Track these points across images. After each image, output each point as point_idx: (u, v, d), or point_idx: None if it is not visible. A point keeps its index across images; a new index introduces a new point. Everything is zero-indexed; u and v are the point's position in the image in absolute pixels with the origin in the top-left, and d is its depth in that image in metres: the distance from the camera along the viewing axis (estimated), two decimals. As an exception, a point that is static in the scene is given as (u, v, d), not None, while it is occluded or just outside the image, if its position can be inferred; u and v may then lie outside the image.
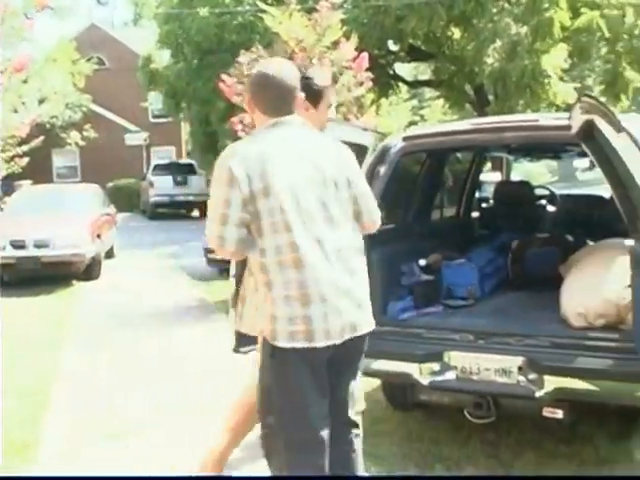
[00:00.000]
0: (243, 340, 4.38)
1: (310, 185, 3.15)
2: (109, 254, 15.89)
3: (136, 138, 36.27)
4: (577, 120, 3.78)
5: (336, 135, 4.75)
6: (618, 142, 3.54)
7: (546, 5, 16.07)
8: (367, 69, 10.40)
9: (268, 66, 3.37)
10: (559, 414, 4.26)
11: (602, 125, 3.57)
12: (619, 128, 3.46)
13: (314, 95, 3.86)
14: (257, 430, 3.80)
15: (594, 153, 3.91)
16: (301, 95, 3.34)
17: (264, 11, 11.10)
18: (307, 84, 3.65)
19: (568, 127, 3.93)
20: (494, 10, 17.18)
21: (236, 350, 4.44)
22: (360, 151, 4.86)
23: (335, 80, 10.01)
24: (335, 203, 3.17)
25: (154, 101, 32.32)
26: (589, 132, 3.77)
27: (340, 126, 5.95)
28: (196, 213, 27.30)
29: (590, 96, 3.70)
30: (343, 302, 3.11)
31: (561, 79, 17.14)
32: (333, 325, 3.07)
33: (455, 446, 4.77)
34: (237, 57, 10.83)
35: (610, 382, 4.02)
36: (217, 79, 10.88)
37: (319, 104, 3.96)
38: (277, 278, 3.09)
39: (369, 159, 4.90)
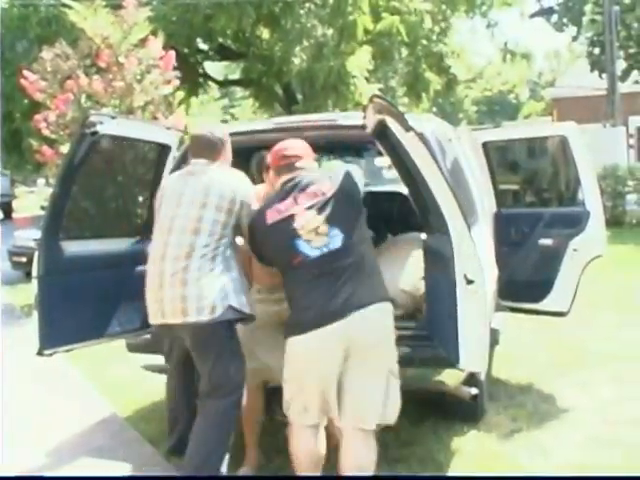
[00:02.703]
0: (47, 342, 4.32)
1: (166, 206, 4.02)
2: None
3: None
4: (371, 120, 3.92)
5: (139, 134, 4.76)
6: (407, 141, 3.70)
7: (350, 8, 16.62)
8: (175, 67, 10.37)
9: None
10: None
11: (393, 125, 3.73)
12: (407, 127, 3.62)
13: None
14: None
15: (387, 151, 4.07)
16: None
17: (69, 6, 10.80)
18: None
19: (364, 126, 4.07)
20: (301, 11, 17.55)
21: (40, 353, 4.36)
22: (163, 150, 4.88)
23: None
24: (182, 219, 3.93)
25: (-48, 97, 30.56)
26: (382, 131, 3.92)
27: (144, 125, 5.93)
28: (0, 215, 25.94)
29: (381, 97, 3.85)
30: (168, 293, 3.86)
31: (367, 80, 17.78)
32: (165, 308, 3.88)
33: (266, 440, 4.81)
34: (41, 52, 10.51)
35: (409, 369, 4.21)
36: (20, 74, 10.50)
37: None
38: None
39: (173, 158, 4.91)
